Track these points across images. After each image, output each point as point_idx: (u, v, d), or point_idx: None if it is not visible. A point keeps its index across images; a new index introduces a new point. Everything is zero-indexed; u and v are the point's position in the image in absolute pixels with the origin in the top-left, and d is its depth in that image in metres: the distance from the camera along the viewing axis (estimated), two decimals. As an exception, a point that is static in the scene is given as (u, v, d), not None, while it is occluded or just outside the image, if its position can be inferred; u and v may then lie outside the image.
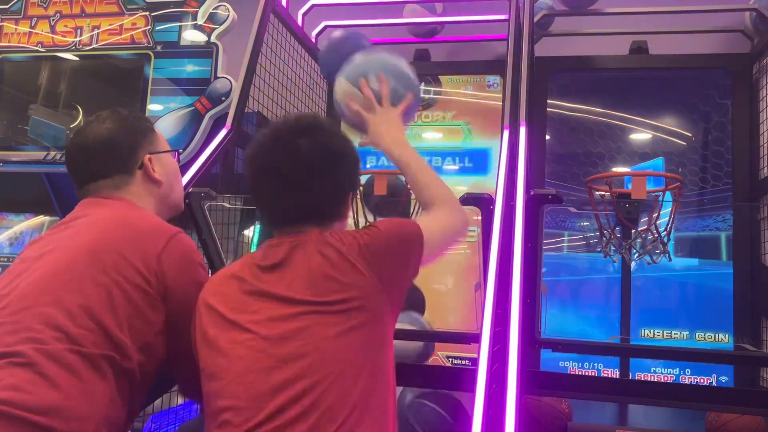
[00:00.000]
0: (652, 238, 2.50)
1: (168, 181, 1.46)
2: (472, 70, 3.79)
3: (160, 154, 1.46)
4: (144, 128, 1.46)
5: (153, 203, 1.43)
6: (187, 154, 3.58)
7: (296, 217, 1.23)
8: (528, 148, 2.23)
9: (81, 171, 1.40)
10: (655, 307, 3.31)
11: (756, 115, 3.30)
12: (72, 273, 1.19)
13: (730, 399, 1.92)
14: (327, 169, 1.22)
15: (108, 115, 1.44)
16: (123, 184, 1.39)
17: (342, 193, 1.27)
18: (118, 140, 1.40)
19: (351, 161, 1.28)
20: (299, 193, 1.21)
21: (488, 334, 1.47)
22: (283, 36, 3.23)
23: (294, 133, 1.23)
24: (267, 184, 1.23)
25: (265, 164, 1.23)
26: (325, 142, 1.23)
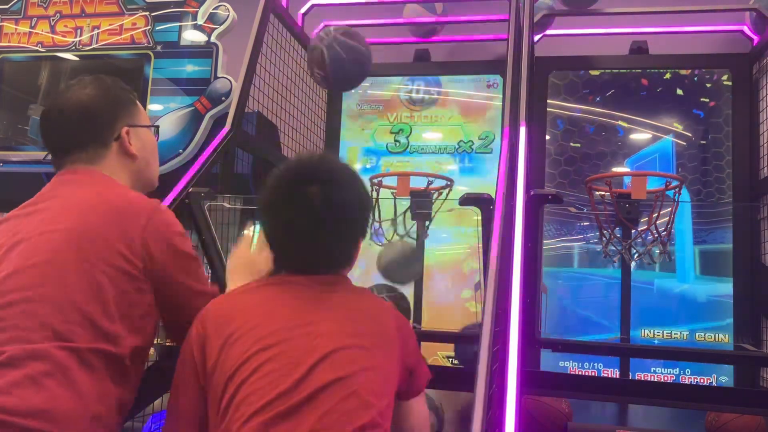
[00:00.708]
0: (653, 238, 2.50)
1: (144, 157, 1.41)
2: (472, 70, 3.79)
3: (139, 127, 1.41)
4: (126, 99, 1.41)
5: (127, 178, 1.37)
6: (187, 154, 3.58)
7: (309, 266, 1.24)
8: (528, 148, 2.23)
9: (56, 138, 1.35)
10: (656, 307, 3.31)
11: (756, 115, 3.30)
12: (54, 264, 1.16)
13: (730, 399, 1.92)
14: (338, 222, 1.23)
15: (90, 81, 1.38)
16: (97, 158, 1.33)
17: (354, 242, 1.28)
18: (98, 108, 1.35)
19: (362, 207, 1.29)
20: (312, 246, 1.23)
21: (488, 334, 1.47)
22: (283, 36, 3.23)
23: (305, 182, 1.22)
24: (279, 233, 1.25)
25: (277, 215, 1.24)
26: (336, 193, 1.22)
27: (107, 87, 1.39)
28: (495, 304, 1.52)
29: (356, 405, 1.07)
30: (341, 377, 1.08)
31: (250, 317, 1.16)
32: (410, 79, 3.85)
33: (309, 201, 1.20)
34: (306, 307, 1.18)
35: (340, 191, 1.23)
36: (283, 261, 1.27)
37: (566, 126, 3.60)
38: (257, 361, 1.09)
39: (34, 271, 1.15)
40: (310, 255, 1.23)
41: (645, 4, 3.51)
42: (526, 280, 1.72)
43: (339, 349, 1.11)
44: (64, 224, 1.20)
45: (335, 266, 1.27)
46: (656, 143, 3.51)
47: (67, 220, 1.21)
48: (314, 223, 1.21)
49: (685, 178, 3.28)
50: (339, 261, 1.27)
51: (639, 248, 2.52)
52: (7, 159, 3.85)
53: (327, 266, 1.26)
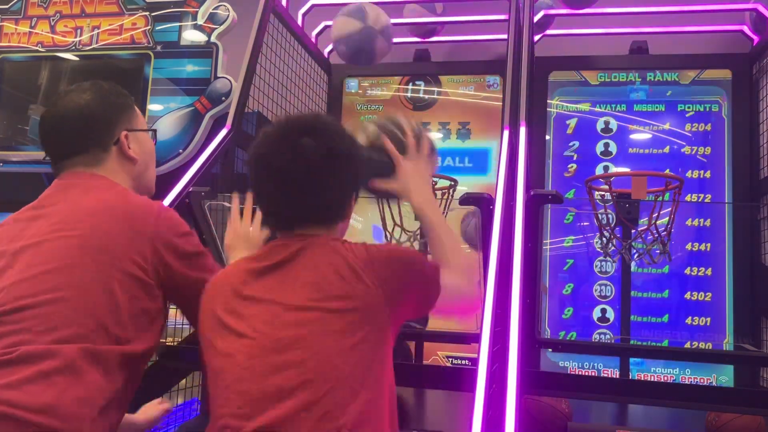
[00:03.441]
0: (652, 237, 2.50)
1: (143, 160, 1.43)
2: (472, 70, 3.80)
3: (138, 132, 1.42)
4: (124, 104, 1.42)
5: (126, 182, 1.39)
6: (187, 154, 3.58)
7: (300, 218, 1.22)
8: (528, 148, 2.23)
9: (56, 142, 1.36)
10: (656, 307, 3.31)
11: (756, 115, 3.31)
12: (69, 271, 1.17)
13: (730, 399, 1.92)
14: (331, 170, 1.20)
15: (88, 87, 1.39)
16: (98, 161, 1.35)
17: (347, 193, 1.25)
18: (97, 113, 1.36)
19: (355, 161, 1.26)
20: (303, 194, 1.20)
21: (488, 334, 1.47)
22: (283, 36, 3.23)
23: (297, 133, 1.21)
24: (271, 186, 1.22)
25: (269, 165, 1.21)
26: (330, 143, 1.21)
27: (105, 92, 1.40)
28: (495, 304, 1.52)
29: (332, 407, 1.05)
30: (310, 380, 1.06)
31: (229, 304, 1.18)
32: (410, 79, 3.85)
33: (303, 149, 1.18)
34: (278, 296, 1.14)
35: (332, 141, 1.22)
36: (274, 215, 1.25)
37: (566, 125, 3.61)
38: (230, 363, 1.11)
39: (48, 277, 1.16)
40: (303, 203, 1.21)
41: (645, 4, 3.51)
42: (526, 280, 1.72)
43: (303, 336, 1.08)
44: (77, 230, 1.22)
45: (327, 219, 1.24)
46: (655, 143, 3.51)
47: (79, 226, 1.22)
48: (308, 171, 1.18)
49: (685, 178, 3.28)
50: (331, 213, 1.24)
51: (639, 248, 2.52)
52: (7, 159, 3.85)
53: (319, 216, 1.22)
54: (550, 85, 3.63)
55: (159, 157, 1.51)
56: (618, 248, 2.57)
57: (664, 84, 3.53)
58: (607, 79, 3.60)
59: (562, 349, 2.09)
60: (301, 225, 1.21)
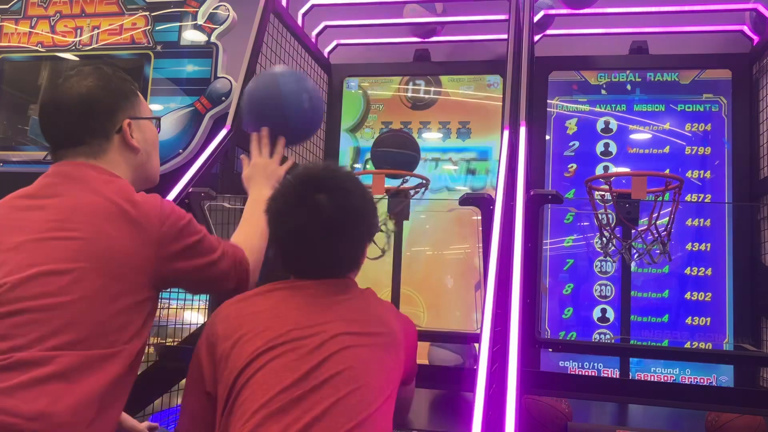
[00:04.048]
0: (652, 237, 2.50)
1: (146, 150, 1.37)
2: (472, 70, 3.79)
3: (141, 120, 1.36)
4: (127, 90, 1.35)
5: (128, 173, 1.34)
6: (187, 154, 3.59)
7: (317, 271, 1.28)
8: (528, 148, 2.23)
9: (56, 131, 1.31)
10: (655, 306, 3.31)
11: (756, 115, 3.30)
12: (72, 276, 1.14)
13: (730, 399, 1.92)
14: (345, 227, 1.27)
15: (90, 72, 1.32)
16: (99, 151, 1.29)
17: (361, 247, 1.33)
18: (99, 100, 1.30)
19: (368, 213, 1.32)
20: (320, 251, 1.27)
21: (488, 334, 1.47)
22: (283, 36, 3.23)
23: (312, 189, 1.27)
24: (287, 241, 1.29)
25: (286, 223, 1.28)
26: (343, 200, 1.27)
27: (108, 77, 1.33)
28: (495, 304, 1.52)
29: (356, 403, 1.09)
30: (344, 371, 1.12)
31: (259, 320, 1.20)
32: (410, 79, 3.85)
33: (319, 207, 1.24)
34: (314, 310, 1.21)
35: (347, 197, 1.28)
36: (294, 267, 1.31)
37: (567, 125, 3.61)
38: (264, 359, 1.13)
39: (49, 279, 1.13)
40: (320, 260, 1.27)
41: (645, 4, 3.51)
42: (526, 280, 1.72)
43: (346, 348, 1.15)
44: (78, 232, 1.17)
45: (344, 270, 1.31)
46: (655, 143, 3.51)
47: (81, 227, 1.18)
48: (325, 229, 1.25)
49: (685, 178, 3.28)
50: (348, 265, 1.32)
51: (639, 248, 2.52)
52: (7, 159, 3.85)
53: (336, 271, 1.29)
54: (550, 85, 3.63)
55: (159, 156, 1.50)
56: (618, 248, 2.57)
57: (664, 84, 3.53)
58: (607, 79, 3.60)
59: (562, 349, 2.09)
60: (318, 276, 1.28)
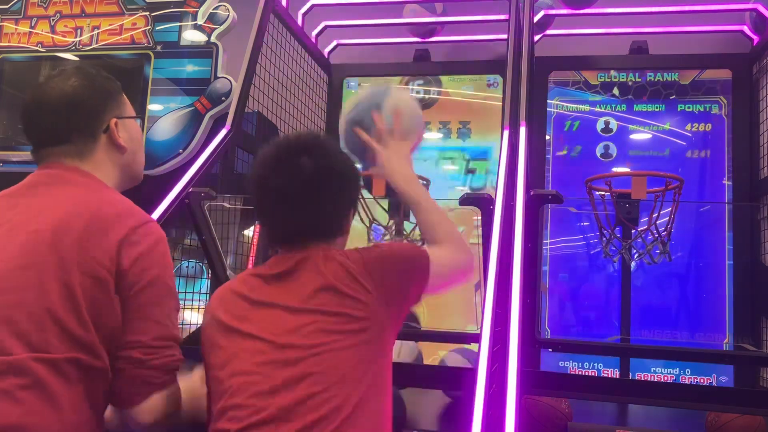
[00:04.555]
0: (652, 237, 2.50)
1: (132, 149, 1.34)
2: (472, 70, 3.80)
3: (126, 119, 1.34)
4: (112, 89, 1.33)
5: (115, 172, 1.31)
6: (187, 154, 3.58)
7: (300, 235, 1.25)
8: (528, 148, 2.23)
9: (40, 131, 1.27)
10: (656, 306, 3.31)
11: (756, 115, 3.30)
12: (33, 270, 1.10)
13: (730, 399, 1.92)
14: (329, 189, 1.25)
15: (73, 72, 1.30)
16: (86, 151, 1.27)
17: (344, 210, 1.30)
18: (84, 99, 1.27)
19: (352, 179, 1.31)
20: (303, 212, 1.24)
21: (488, 334, 1.47)
22: (283, 36, 3.23)
23: (295, 152, 1.25)
24: (271, 204, 1.26)
25: (268, 185, 1.26)
26: (326, 162, 1.26)
27: (92, 77, 1.31)
28: (495, 304, 1.52)
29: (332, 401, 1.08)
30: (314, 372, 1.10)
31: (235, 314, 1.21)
32: (410, 79, 3.85)
33: (301, 168, 1.23)
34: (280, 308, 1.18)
35: (330, 160, 1.27)
36: (275, 233, 1.29)
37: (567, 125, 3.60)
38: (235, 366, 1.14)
39: (12, 275, 1.10)
40: (303, 221, 1.24)
41: (645, 4, 3.51)
42: (526, 280, 1.72)
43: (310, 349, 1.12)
44: (43, 225, 1.14)
45: (327, 233, 1.27)
46: (655, 143, 3.51)
47: (47, 221, 1.15)
48: (307, 188, 1.23)
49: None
50: (331, 227, 1.28)
51: (639, 248, 2.52)
52: (7, 159, 3.85)
53: (319, 233, 1.26)
54: (550, 85, 3.63)
55: (159, 157, 1.51)
56: (618, 248, 2.57)
57: (664, 84, 3.53)
58: (607, 79, 3.60)
59: (562, 349, 2.09)
60: (301, 240, 1.25)
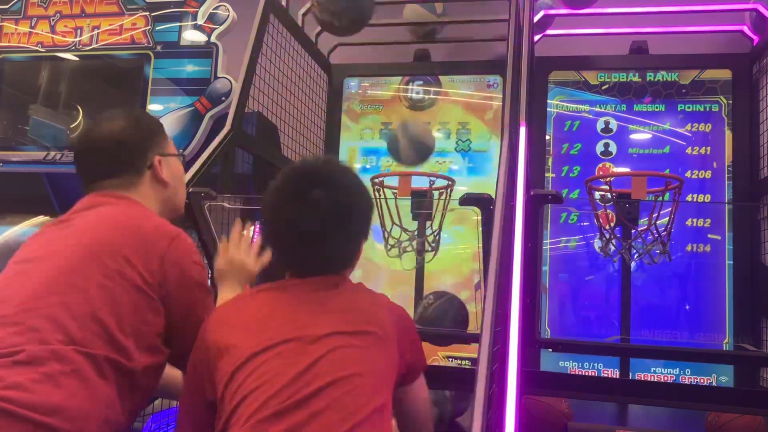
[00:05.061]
0: (652, 237, 2.50)
1: (174, 184, 1.48)
2: (472, 70, 3.79)
3: (170, 156, 1.48)
4: (156, 129, 1.48)
5: (157, 205, 1.44)
6: (187, 155, 3.58)
7: (315, 267, 1.26)
8: (528, 148, 2.23)
9: (91, 167, 1.41)
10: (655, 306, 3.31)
11: (756, 115, 3.31)
12: (77, 275, 1.20)
13: (730, 399, 1.92)
14: (344, 225, 1.25)
15: (120, 114, 1.45)
16: (131, 185, 1.40)
17: (358, 243, 1.30)
18: (131, 139, 1.41)
19: (366, 211, 1.31)
20: (317, 247, 1.24)
21: (488, 334, 1.47)
22: (283, 36, 3.23)
23: (311, 185, 1.24)
24: (285, 238, 1.27)
25: (282, 219, 1.26)
26: (342, 198, 1.25)
27: (137, 118, 1.46)
28: (495, 304, 1.52)
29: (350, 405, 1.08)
30: (336, 379, 1.09)
31: (248, 323, 1.19)
32: (410, 79, 3.85)
33: (315, 203, 1.22)
34: (302, 309, 1.19)
35: (344, 194, 1.26)
36: (287, 263, 1.29)
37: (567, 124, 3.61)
38: (254, 365, 1.11)
39: (59, 281, 1.20)
40: (314, 256, 1.25)
41: (645, 4, 3.51)
42: (526, 280, 1.72)
43: (334, 350, 1.12)
44: (89, 239, 1.26)
45: (338, 267, 1.29)
46: (655, 143, 3.51)
47: (93, 235, 1.27)
48: (320, 225, 1.23)
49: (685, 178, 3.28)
50: (342, 262, 1.29)
51: (639, 248, 2.52)
52: (7, 159, 3.85)
53: (330, 268, 1.27)
54: (550, 85, 3.63)
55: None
56: (618, 248, 2.57)
57: (664, 84, 3.53)
58: (607, 79, 3.60)
59: (562, 349, 2.09)
60: (314, 272, 1.26)
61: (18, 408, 1.04)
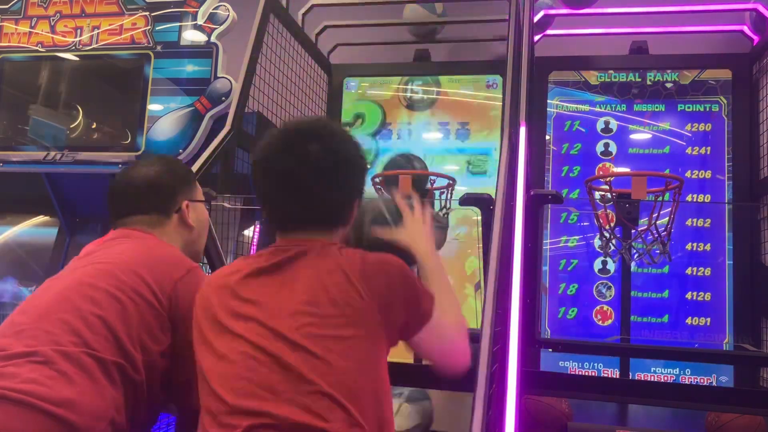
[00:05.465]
0: (652, 237, 2.50)
1: (198, 229, 1.58)
2: (472, 70, 3.79)
3: (197, 202, 1.59)
4: (187, 176, 1.61)
5: (180, 246, 1.52)
6: (187, 154, 3.58)
7: (302, 221, 1.24)
8: (528, 148, 2.23)
9: (124, 204, 1.51)
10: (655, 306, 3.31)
11: (756, 115, 3.31)
12: (89, 287, 1.27)
13: (730, 399, 1.92)
14: (337, 175, 1.23)
15: (156, 160, 1.59)
16: (158, 223, 1.50)
17: (350, 198, 1.27)
18: (164, 182, 1.53)
19: (360, 168, 1.29)
20: (308, 197, 1.22)
21: (488, 334, 1.47)
22: (283, 36, 3.23)
23: (305, 137, 1.23)
24: (275, 187, 1.24)
25: (276, 167, 1.23)
26: (336, 148, 1.24)
27: (171, 163, 1.61)
28: (495, 304, 1.52)
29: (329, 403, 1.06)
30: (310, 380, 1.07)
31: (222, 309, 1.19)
32: (410, 79, 3.85)
33: (308, 152, 1.21)
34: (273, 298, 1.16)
35: (339, 146, 1.25)
36: (280, 218, 1.26)
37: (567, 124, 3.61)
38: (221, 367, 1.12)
39: (74, 292, 1.27)
40: (307, 206, 1.22)
41: (645, 4, 3.51)
42: (526, 280, 1.72)
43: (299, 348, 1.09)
44: (109, 261, 1.35)
45: (330, 220, 1.25)
46: (655, 143, 3.51)
47: (113, 259, 1.35)
48: (313, 173, 1.20)
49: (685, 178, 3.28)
50: (335, 214, 1.26)
51: (639, 248, 2.52)
52: (7, 159, 3.85)
53: (322, 219, 1.24)
54: (550, 85, 3.63)
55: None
56: (618, 248, 2.57)
57: (664, 84, 3.53)
58: (607, 79, 3.60)
59: (562, 349, 2.09)
60: (303, 227, 1.23)
61: (33, 399, 1.09)
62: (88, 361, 1.18)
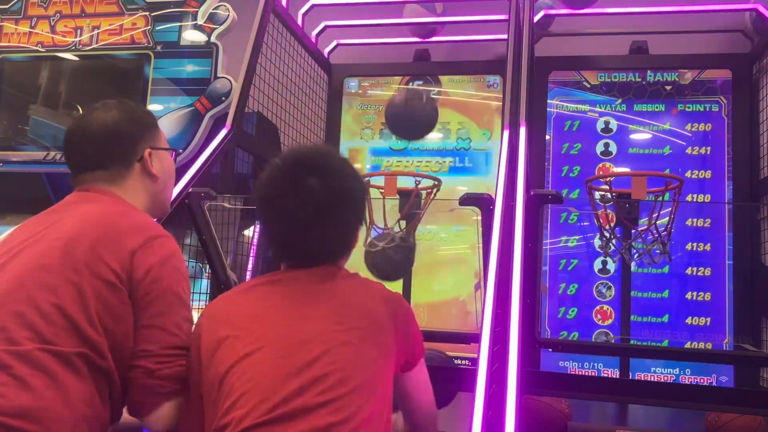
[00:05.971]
0: (652, 237, 2.50)
1: (163, 179, 1.45)
2: (472, 70, 3.79)
3: (160, 150, 1.45)
4: (149, 122, 1.46)
5: (145, 199, 1.42)
6: (187, 154, 3.58)
7: (309, 257, 1.25)
8: (528, 148, 2.23)
9: (80, 156, 1.39)
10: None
11: (756, 115, 3.30)
12: (43, 270, 1.18)
13: (730, 399, 1.92)
14: (339, 212, 1.24)
15: (114, 105, 1.42)
16: (119, 177, 1.38)
17: (352, 231, 1.30)
18: (123, 130, 1.39)
19: (361, 199, 1.31)
20: (312, 235, 1.24)
21: (488, 334, 1.47)
22: (283, 36, 3.23)
23: (305, 173, 1.24)
24: (279, 226, 1.25)
25: (277, 207, 1.24)
26: (337, 185, 1.25)
27: (132, 110, 1.44)
28: (495, 304, 1.52)
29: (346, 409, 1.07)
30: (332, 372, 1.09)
31: (242, 321, 1.17)
32: (410, 79, 3.85)
33: (310, 190, 1.21)
34: (296, 307, 1.18)
35: (338, 179, 1.25)
36: (285, 254, 1.28)
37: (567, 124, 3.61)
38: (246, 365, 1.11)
39: (26, 277, 1.17)
40: (312, 245, 1.24)
41: (645, 4, 3.51)
42: (526, 280, 1.72)
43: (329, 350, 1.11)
44: (61, 234, 1.23)
45: (335, 256, 1.28)
46: (655, 143, 3.51)
47: (67, 230, 1.24)
48: (316, 212, 1.22)
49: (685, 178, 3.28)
50: (340, 250, 1.29)
51: (639, 248, 2.52)
52: (7, 159, 3.85)
53: (327, 256, 1.26)
54: (550, 85, 3.63)
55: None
56: (618, 248, 2.57)
57: (664, 84, 3.53)
58: (607, 79, 3.60)
59: (562, 349, 2.09)
60: (310, 262, 1.25)
61: None
62: (45, 358, 1.10)
